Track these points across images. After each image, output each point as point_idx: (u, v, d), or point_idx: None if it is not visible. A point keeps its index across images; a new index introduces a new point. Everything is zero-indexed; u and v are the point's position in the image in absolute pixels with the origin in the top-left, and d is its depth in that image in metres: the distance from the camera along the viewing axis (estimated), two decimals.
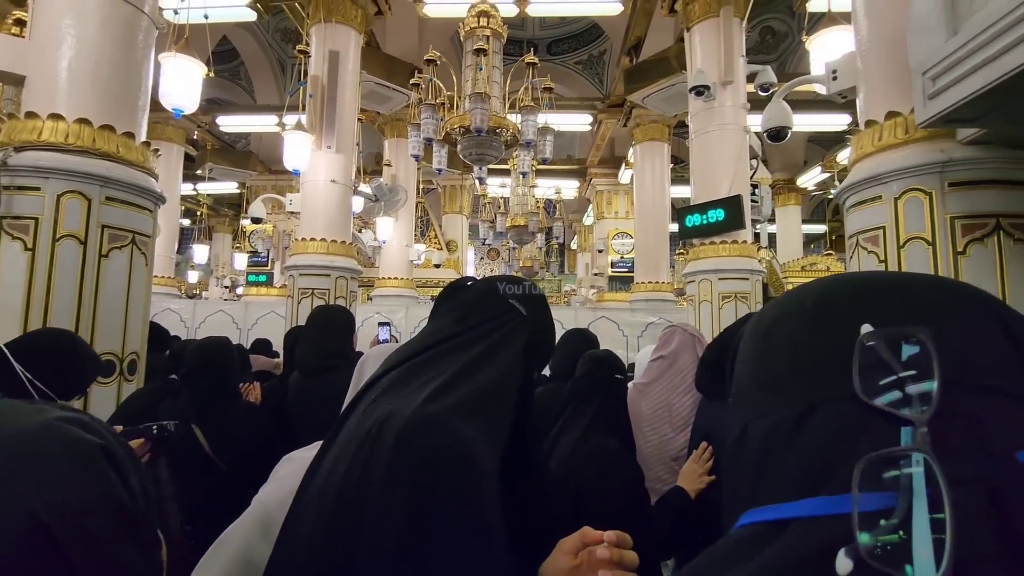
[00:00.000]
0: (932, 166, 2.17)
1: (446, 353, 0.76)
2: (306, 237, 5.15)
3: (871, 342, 0.33)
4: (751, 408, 0.40)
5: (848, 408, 0.33)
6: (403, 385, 0.73)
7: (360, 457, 0.65)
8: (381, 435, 0.65)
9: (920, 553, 0.27)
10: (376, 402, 0.72)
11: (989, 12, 1.74)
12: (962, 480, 0.28)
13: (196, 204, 12.17)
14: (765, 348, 0.41)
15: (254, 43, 9.76)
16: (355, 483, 0.64)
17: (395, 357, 0.77)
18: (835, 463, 0.32)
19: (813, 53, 3.41)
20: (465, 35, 4.14)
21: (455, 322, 0.80)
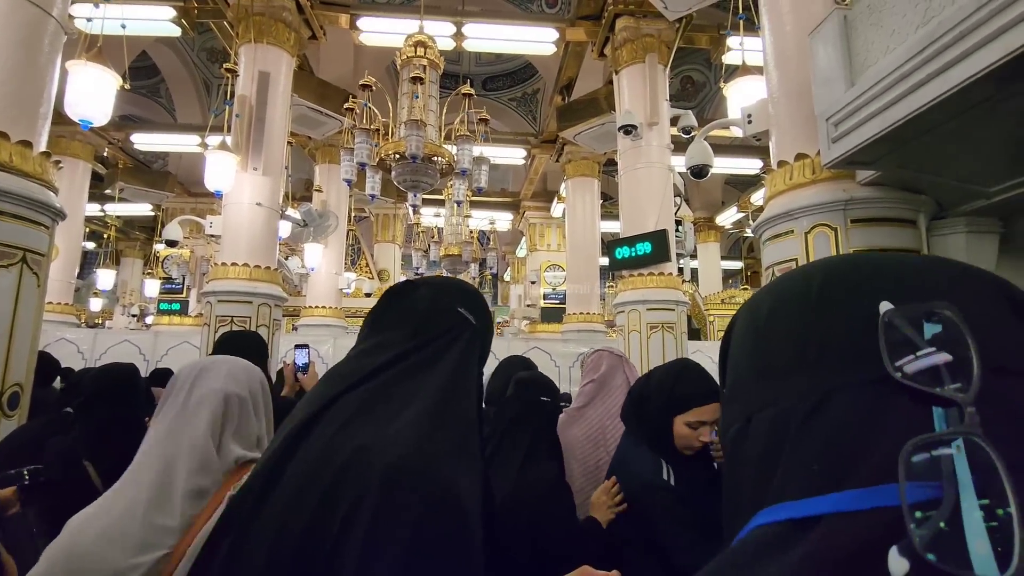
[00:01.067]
0: (836, 204, 2.36)
1: (410, 373, 0.71)
2: (227, 262, 4.87)
3: (893, 320, 0.31)
4: (753, 401, 0.36)
5: (871, 392, 0.31)
6: (370, 411, 0.66)
7: (336, 495, 0.58)
8: (362, 473, 0.59)
9: (976, 547, 0.24)
10: (342, 431, 0.64)
11: (880, 67, 1.94)
12: (1018, 466, 0.25)
13: (103, 226, 11.28)
14: (767, 336, 0.37)
15: (177, 61, 9.34)
16: (330, 524, 0.57)
17: (342, 377, 0.71)
18: (860, 452, 0.29)
19: (730, 99, 3.67)
20: (402, 64, 4.15)
21: (406, 336, 0.75)
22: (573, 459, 1.54)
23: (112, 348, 7.03)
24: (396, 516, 0.57)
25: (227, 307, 4.76)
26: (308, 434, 0.64)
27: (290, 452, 0.63)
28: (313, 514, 0.58)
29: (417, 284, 0.84)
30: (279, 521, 0.59)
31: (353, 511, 0.57)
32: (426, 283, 0.84)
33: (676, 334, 4.87)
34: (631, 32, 5.30)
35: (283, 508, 0.59)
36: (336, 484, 0.58)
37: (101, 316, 13.42)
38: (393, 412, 0.65)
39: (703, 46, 6.36)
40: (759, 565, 0.30)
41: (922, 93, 1.75)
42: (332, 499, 0.58)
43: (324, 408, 0.66)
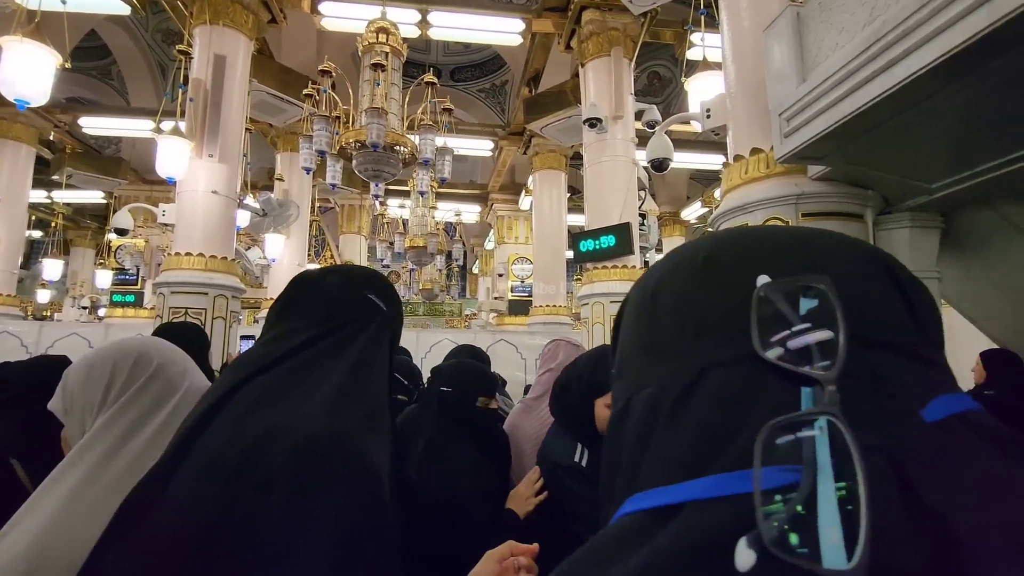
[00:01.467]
0: (788, 198, 2.42)
1: (318, 359, 0.70)
2: (181, 252, 4.71)
3: (768, 294, 0.29)
4: (636, 380, 0.34)
5: (742, 370, 0.29)
6: (279, 396, 0.65)
7: (247, 471, 0.56)
8: (273, 449, 0.57)
9: (828, 535, 0.22)
10: (251, 413, 0.62)
11: (829, 64, 1.98)
12: (872, 447, 0.24)
13: (50, 214, 10.76)
14: (651, 310, 0.35)
15: (129, 41, 8.93)
16: (242, 499, 0.55)
17: (248, 364, 0.68)
18: (727, 435, 0.28)
19: (691, 94, 3.72)
20: (363, 50, 4.06)
21: (316, 322, 0.74)
22: (520, 451, 1.54)
23: (60, 341, 6.72)
24: (314, 486, 0.56)
25: (181, 298, 4.60)
26: (215, 417, 0.62)
27: (196, 434, 0.61)
28: (223, 491, 0.56)
29: (326, 272, 0.84)
30: (188, 499, 0.57)
31: (267, 485, 0.55)
32: (335, 271, 0.84)
33: None
34: (597, 25, 5.31)
35: (190, 487, 0.57)
36: (246, 462, 0.57)
37: (50, 308, 12.83)
38: (303, 394, 0.65)
39: (668, 41, 6.42)
40: (618, 555, 0.28)
41: (867, 89, 1.79)
42: (243, 475, 0.56)
43: (231, 392, 0.64)
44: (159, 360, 0.89)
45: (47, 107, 7.53)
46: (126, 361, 0.87)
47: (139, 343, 0.91)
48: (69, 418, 0.88)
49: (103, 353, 0.90)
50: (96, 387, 0.86)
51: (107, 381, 0.86)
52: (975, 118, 1.84)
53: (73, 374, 0.89)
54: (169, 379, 0.88)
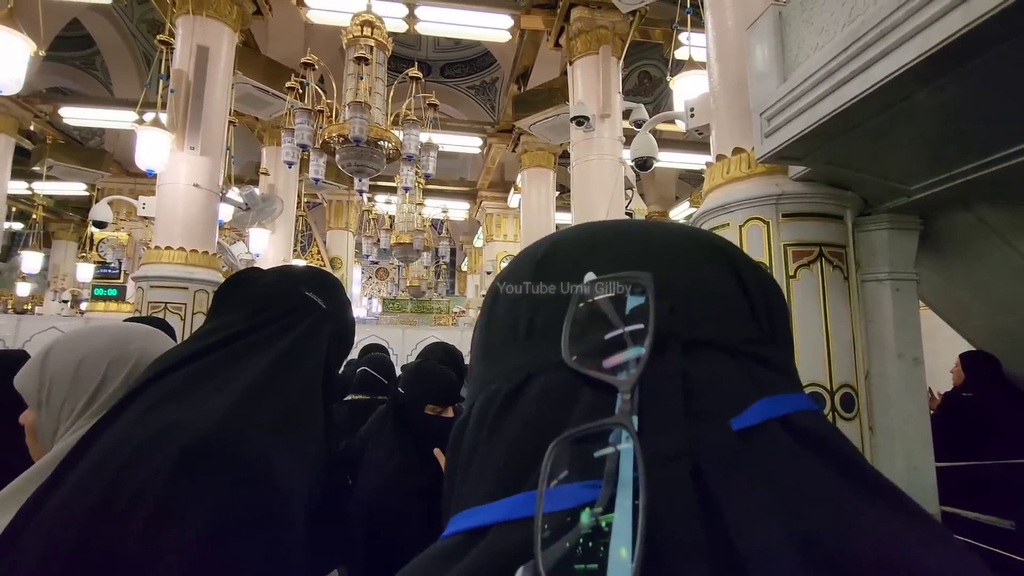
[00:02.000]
0: (769, 198, 2.41)
1: (241, 353, 0.66)
2: (161, 245, 4.63)
3: (591, 292, 0.27)
4: (475, 383, 0.33)
5: (563, 375, 0.27)
6: (188, 391, 0.62)
7: (127, 475, 0.53)
8: (159, 451, 0.54)
9: (617, 554, 0.20)
10: (149, 412, 0.59)
11: (809, 64, 1.98)
12: (667, 455, 0.23)
13: (30, 205, 10.58)
14: (492, 309, 0.34)
15: (113, 31, 8.79)
16: (115, 506, 0.51)
17: (166, 360, 0.65)
18: (543, 447, 0.25)
19: (676, 93, 3.71)
20: (348, 43, 4.01)
21: (245, 318, 0.70)
22: None
23: (38, 336, 6.62)
24: (190, 495, 0.52)
25: (161, 293, 4.53)
26: (117, 418, 0.59)
27: (95, 435, 0.58)
28: (101, 496, 0.52)
29: (264, 271, 0.80)
30: (58, 518, 0.53)
31: (141, 491, 0.51)
32: (273, 270, 0.81)
33: None
34: (586, 23, 5.29)
35: (64, 503, 0.53)
36: (130, 464, 0.53)
37: (30, 301, 12.62)
38: (212, 389, 0.61)
39: (658, 40, 6.42)
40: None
41: (847, 90, 1.79)
42: (116, 488, 0.52)
43: (139, 389, 0.61)
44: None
45: (27, 96, 7.39)
46: (121, 367, 0.79)
47: (140, 345, 0.81)
48: (43, 410, 0.80)
49: (96, 347, 0.80)
50: (84, 387, 0.78)
51: (97, 384, 0.77)
52: (953, 120, 1.85)
53: (58, 362, 0.79)
54: None
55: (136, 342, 0.80)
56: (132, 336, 0.81)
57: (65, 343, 0.81)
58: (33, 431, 0.82)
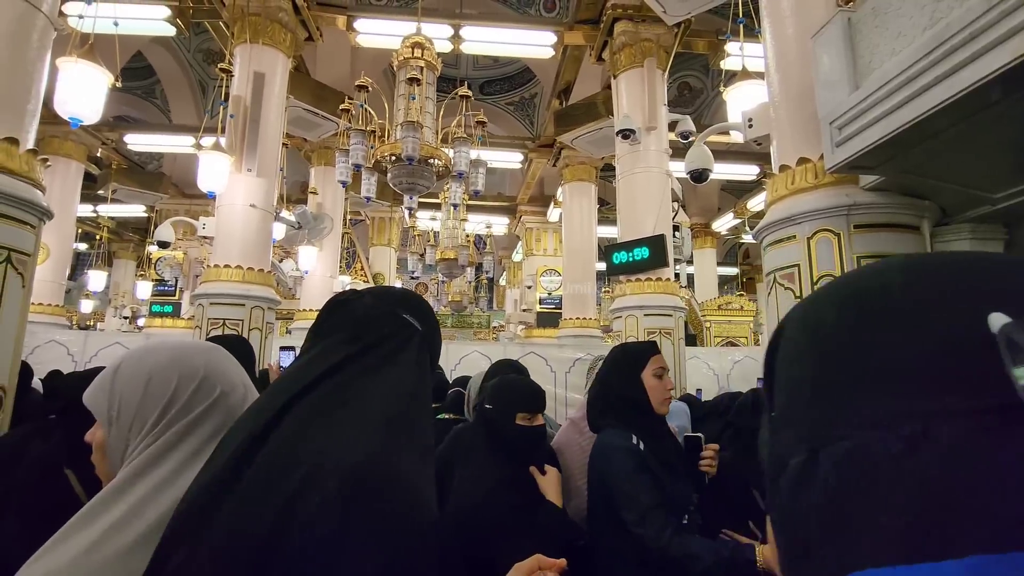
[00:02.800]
0: (839, 209, 2.33)
1: (358, 379, 0.68)
2: (220, 264, 4.81)
3: (1014, 336, 0.24)
4: (818, 430, 0.30)
5: (982, 424, 0.24)
6: (327, 417, 0.63)
7: (297, 503, 0.55)
8: (325, 480, 0.56)
9: None
10: (300, 438, 0.61)
11: (885, 70, 1.91)
12: None
13: (96, 227, 11.18)
14: (835, 351, 0.30)
15: (172, 61, 9.28)
16: (291, 531, 0.54)
17: (292, 384, 0.67)
18: (974, 505, 0.23)
19: (730, 103, 3.65)
20: (398, 65, 4.11)
21: (346, 341, 0.72)
22: (575, 471, 1.51)
23: (103, 350, 6.92)
24: (362, 530, 0.54)
25: (219, 309, 4.69)
26: (265, 441, 0.61)
27: (250, 456, 0.60)
28: (274, 523, 0.54)
29: (359, 292, 0.82)
30: (236, 529, 0.55)
31: (314, 518, 0.54)
32: (368, 291, 0.83)
33: (674, 340, 4.83)
34: (630, 36, 5.28)
35: (241, 516, 0.55)
36: (299, 492, 0.55)
37: (92, 318, 13.29)
38: (350, 417, 0.63)
39: (701, 51, 6.35)
40: None
41: (929, 96, 1.72)
42: (293, 506, 0.54)
43: (278, 415, 0.63)
44: (222, 387, 0.81)
45: (95, 125, 7.86)
46: (189, 382, 0.79)
47: (205, 359, 0.82)
48: (113, 427, 0.80)
49: (163, 363, 0.80)
50: (153, 404, 0.78)
51: (166, 401, 0.78)
52: None
53: (127, 380, 0.80)
54: (230, 408, 0.81)
55: (199, 356, 0.82)
56: (195, 351, 0.83)
57: (133, 360, 0.82)
58: (101, 448, 0.82)
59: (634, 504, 1.35)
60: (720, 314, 9.41)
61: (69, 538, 0.71)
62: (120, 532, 0.69)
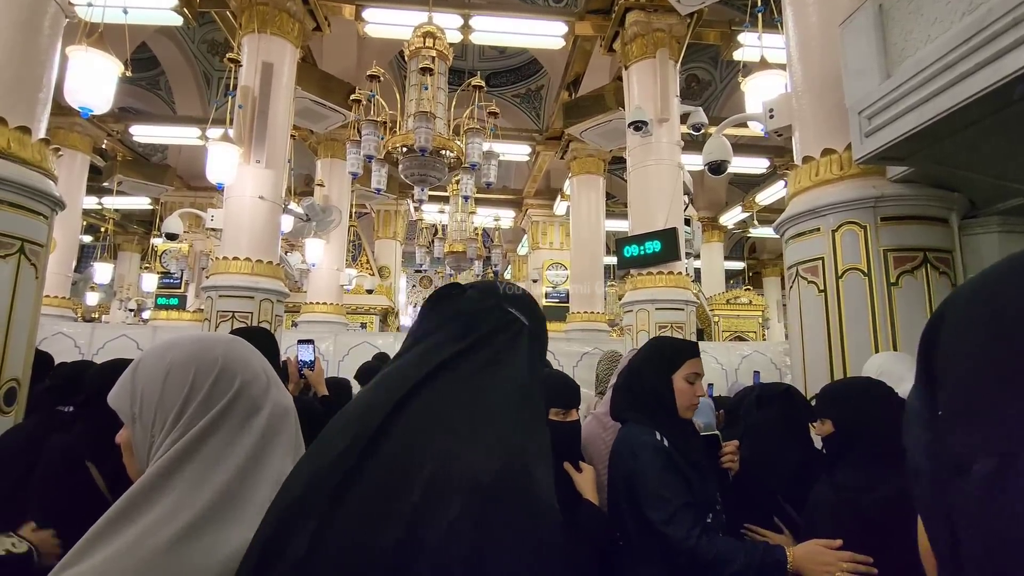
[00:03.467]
0: (866, 201, 2.29)
1: (472, 373, 0.66)
2: (228, 256, 4.78)
3: None
4: (1013, 430, 0.27)
5: None
6: (447, 416, 0.62)
7: (432, 505, 0.54)
8: (460, 485, 0.55)
9: None
10: (424, 437, 0.59)
11: (920, 57, 1.86)
12: None
13: (101, 219, 11.15)
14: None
15: (177, 52, 9.22)
16: (427, 535, 0.53)
17: (400, 381, 0.64)
18: None
19: (748, 94, 3.60)
20: (410, 54, 4.06)
21: (456, 337, 0.68)
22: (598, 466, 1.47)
23: (110, 343, 6.92)
24: (502, 528, 0.53)
25: (229, 302, 4.67)
26: (387, 436, 0.59)
27: (370, 451, 0.58)
28: (404, 530, 0.52)
29: (462, 287, 0.78)
30: (362, 521, 0.53)
31: (454, 529, 0.52)
32: (471, 286, 0.79)
33: (685, 334, 4.79)
34: (641, 27, 5.21)
35: (367, 511, 0.54)
36: (431, 494, 0.53)
37: (98, 311, 13.29)
38: (472, 417, 0.61)
39: (712, 42, 6.27)
40: None
41: (968, 84, 1.67)
42: (426, 510, 0.53)
43: (391, 414, 0.60)
44: (243, 377, 0.78)
45: (101, 117, 7.81)
46: (207, 374, 0.76)
47: (223, 350, 0.80)
48: (137, 425, 0.78)
49: (180, 357, 0.78)
50: (172, 398, 0.76)
51: (185, 394, 0.75)
52: None
53: (146, 377, 0.78)
54: (253, 399, 0.78)
55: (218, 348, 0.79)
56: (214, 343, 0.80)
57: (153, 356, 0.80)
58: (129, 448, 0.80)
59: (662, 503, 1.31)
60: (728, 308, 9.37)
61: (104, 537, 0.68)
62: (155, 532, 0.67)
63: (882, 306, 2.22)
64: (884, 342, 2.19)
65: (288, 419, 0.81)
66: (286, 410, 0.82)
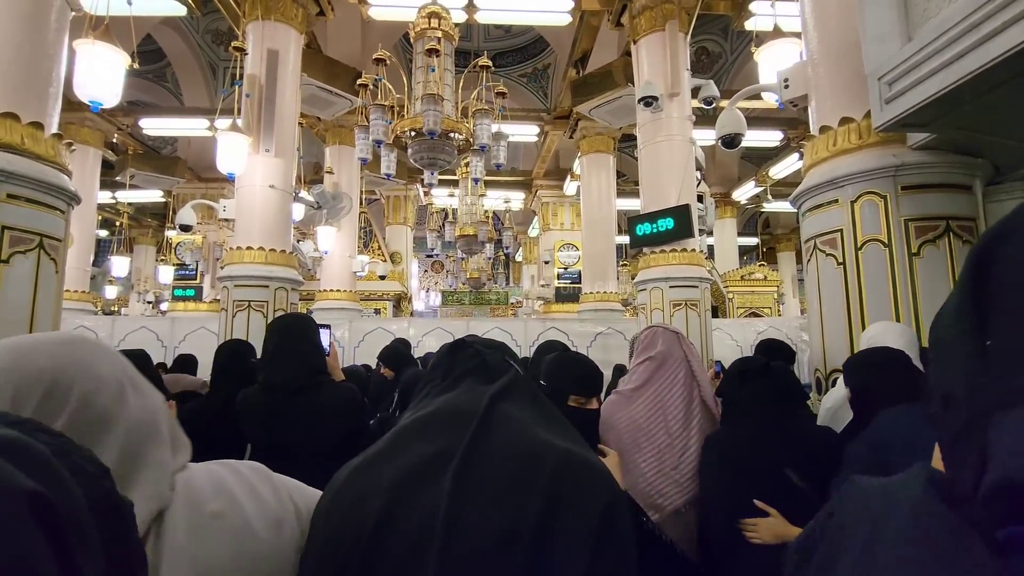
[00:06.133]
0: (886, 170, 2.23)
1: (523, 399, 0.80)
2: (242, 246, 4.81)
3: None
4: None
5: None
6: (533, 418, 0.73)
7: (563, 496, 0.61)
8: (591, 479, 0.65)
9: None
10: (526, 431, 0.69)
11: (943, 18, 1.79)
12: None
13: (115, 213, 11.27)
14: None
15: (182, 43, 9.19)
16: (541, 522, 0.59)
17: (468, 398, 0.74)
18: None
19: (761, 65, 3.51)
20: (415, 36, 4.01)
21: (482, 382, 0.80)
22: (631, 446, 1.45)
23: (131, 335, 7.05)
24: (619, 518, 0.62)
25: (244, 291, 4.71)
26: (490, 424, 0.67)
27: (483, 433, 0.65)
28: (541, 509, 0.58)
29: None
30: (496, 498, 0.59)
31: (595, 518, 0.59)
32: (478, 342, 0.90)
33: (700, 312, 4.76)
34: None
35: (497, 491, 0.60)
36: (560, 484, 0.60)
37: (117, 303, 13.50)
38: (546, 422, 0.71)
39: (723, 12, 6.11)
40: None
41: (997, 43, 1.61)
42: (557, 498, 0.59)
43: (487, 413, 0.69)
44: (82, 386, 0.60)
45: (110, 111, 7.85)
46: (32, 389, 0.57)
47: (49, 356, 0.60)
48: None
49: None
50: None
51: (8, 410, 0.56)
52: None
53: None
54: (101, 412, 0.60)
55: (41, 354, 0.60)
56: (34, 349, 0.61)
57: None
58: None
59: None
60: (743, 284, 9.28)
61: None
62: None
63: (903, 277, 2.18)
64: (905, 314, 2.15)
65: (155, 429, 0.65)
66: (153, 417, 0.65)
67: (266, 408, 1.75)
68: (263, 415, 1.76)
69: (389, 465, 0.65)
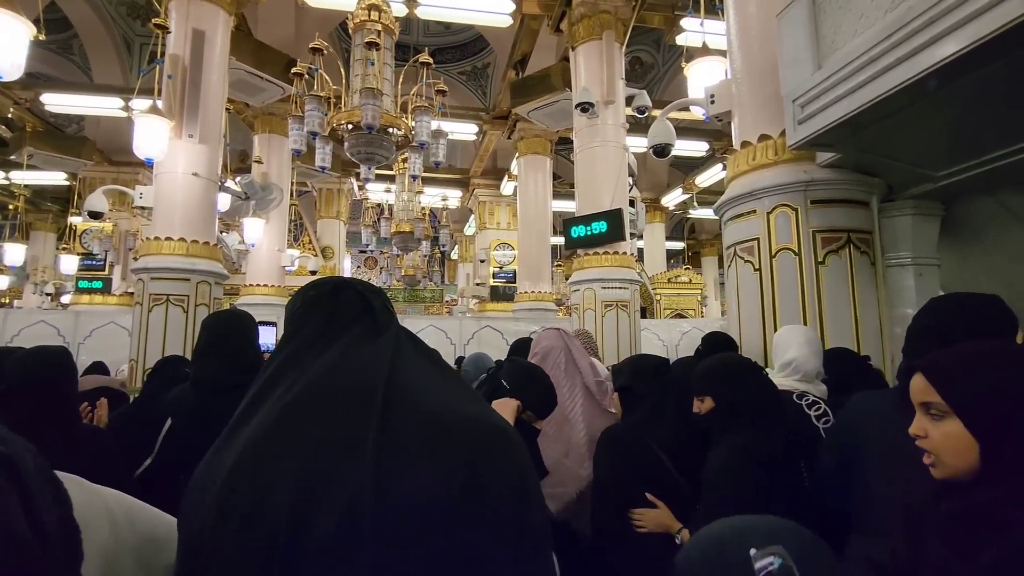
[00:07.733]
0: (798, 185, 2.44)
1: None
2: (160, 236, 4.52)
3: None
4: None
5: None
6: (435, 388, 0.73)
7: (457, 465, 0.63)
8: (479, 442, 0.66)
9: None
10: (431, 403, 0.69)
11: (848, 50, 1.99)
12: None
13: (9, 196, 10.24)
14: None
15: (92, 14, 8.45)
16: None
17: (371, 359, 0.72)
18: None
19: (690, 79, 3.71)
20: (354, 27, 3.92)
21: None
22: None
23: (26, 329, 6.42)
24: (531, 476, 0.66)
25: (163, 284, 4.43)
26: (392, 405, 0.65)
27: (389, 417, 0.63)
28: (464, 476, 0.60)
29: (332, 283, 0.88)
30: (418, 468, 0.60)
31: (517, 478, 0.63)
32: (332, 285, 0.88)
33: (630, 312, 4.96)
34: (588, 8, 5.24)
35: (418, 467, 0.60)
36: (477, 449, 0.62)
37: (8, 295, 12.28)
38: (443, 385, 0.72)
39: (656, 25, 6.38)
40: None
41: (890, 77, 1.80)
42: (475, 464, 0.61)
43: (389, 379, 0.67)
44: None
45: (5, 83, 7.12)
46: None
47: None
48: None
49: None
50: None
51: None
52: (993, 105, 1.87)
53: None
54: None
55: None
56: None
57: None
58: None
59: None
60: (670, 287, 9.72)
61: None
62: None
63: (810, 283, 2.39)
64: (812, 316, 2.36)
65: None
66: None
67: (193, 406, 1.68)
68: (188, 413, 1.69)
69: (289, 459, 0.61)
